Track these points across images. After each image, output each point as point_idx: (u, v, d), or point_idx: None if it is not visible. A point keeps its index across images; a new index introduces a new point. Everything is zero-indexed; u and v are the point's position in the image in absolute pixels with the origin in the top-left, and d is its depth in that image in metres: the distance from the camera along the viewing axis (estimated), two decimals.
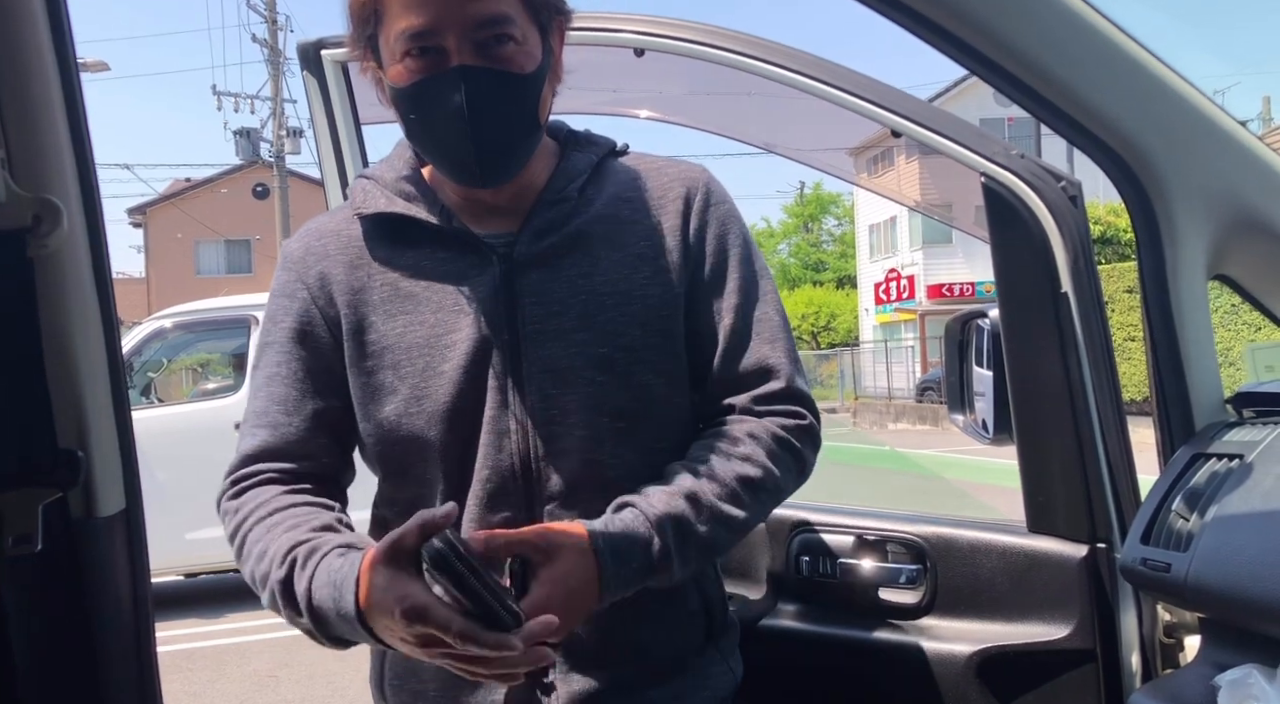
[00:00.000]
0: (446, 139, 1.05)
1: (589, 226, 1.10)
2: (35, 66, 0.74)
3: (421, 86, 1.02)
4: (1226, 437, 1.17)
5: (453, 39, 1.00)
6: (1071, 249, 1.28)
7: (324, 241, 1.14)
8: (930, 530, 1.45)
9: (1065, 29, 1.13)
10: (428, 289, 1.09)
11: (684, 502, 1.01)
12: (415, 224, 1.11)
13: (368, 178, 1.17)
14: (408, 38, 1.01)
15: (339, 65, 1.63)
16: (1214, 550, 1.04)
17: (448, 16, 1.00)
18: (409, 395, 1.07)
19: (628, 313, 1.07)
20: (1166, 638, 1.29)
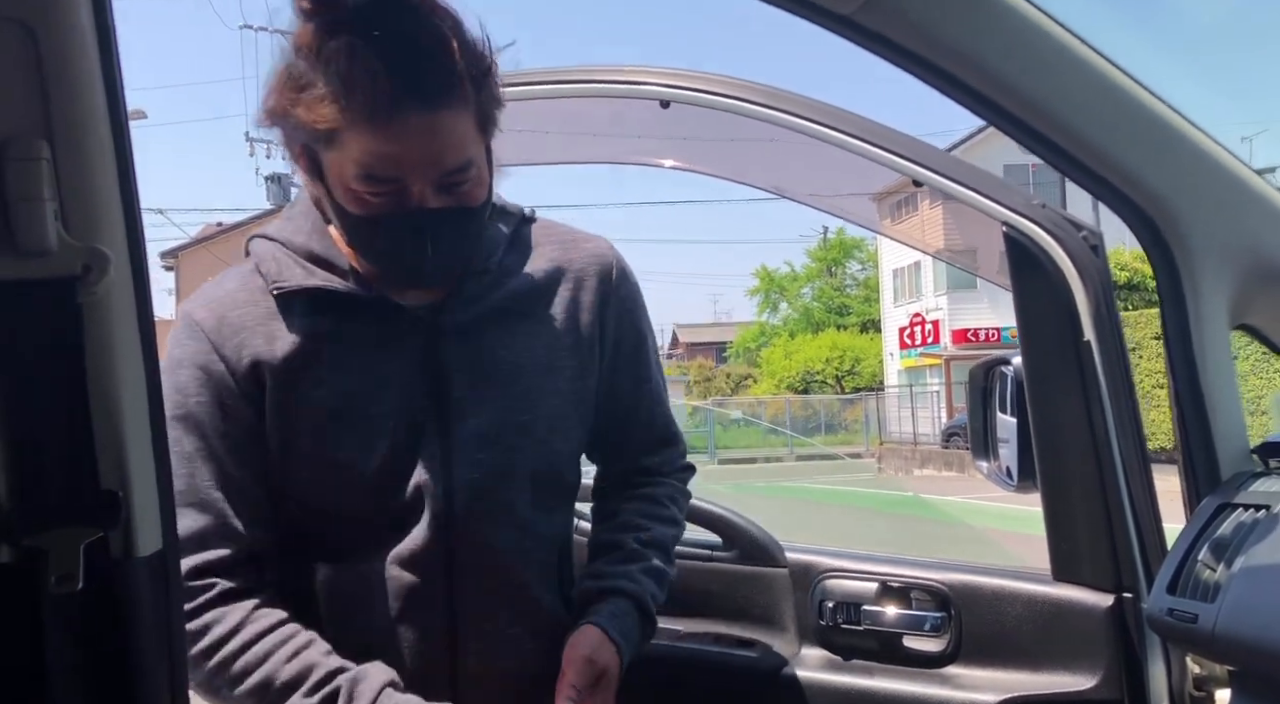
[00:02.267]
0: (399, 262, 1.05)
1: (510, 299, 1.14)
2: (89, 120, 0.77)
3: (380, 222, 1.01)
4: (1253, 487, 1.16)
5: (418, 183, 1.00)
6: (1094, 297, 1.29)
7: (239, 313, 1.09)
8: (954, 577, 1.44)
9: (1086, 84, 1.15)
10: (348, 358, 1.08)
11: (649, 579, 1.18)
12: (335, 295, 1.08)
13: (272, 240, 1.13)
14: (365, 178, 0.99)
15: None
16: (1242, 601, 1.03)
17: (418, 166, 0.99)
18: (332, 464, 1.07)
19: (542, 382, 1.14)
20: (1196, 691, 1.27)
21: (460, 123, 0.99)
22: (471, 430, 1.09)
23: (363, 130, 0.97)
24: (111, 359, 0.78)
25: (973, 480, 15.23)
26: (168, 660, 0.74)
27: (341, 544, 1.09)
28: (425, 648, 1.08)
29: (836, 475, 18.89)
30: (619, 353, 1.21)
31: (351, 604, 1.08)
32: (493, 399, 1.10)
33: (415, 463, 1.07)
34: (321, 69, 0.96)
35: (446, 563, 1.08)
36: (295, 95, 0.98)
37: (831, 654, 1.51)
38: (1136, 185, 1.19)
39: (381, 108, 0.95)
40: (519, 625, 1.12)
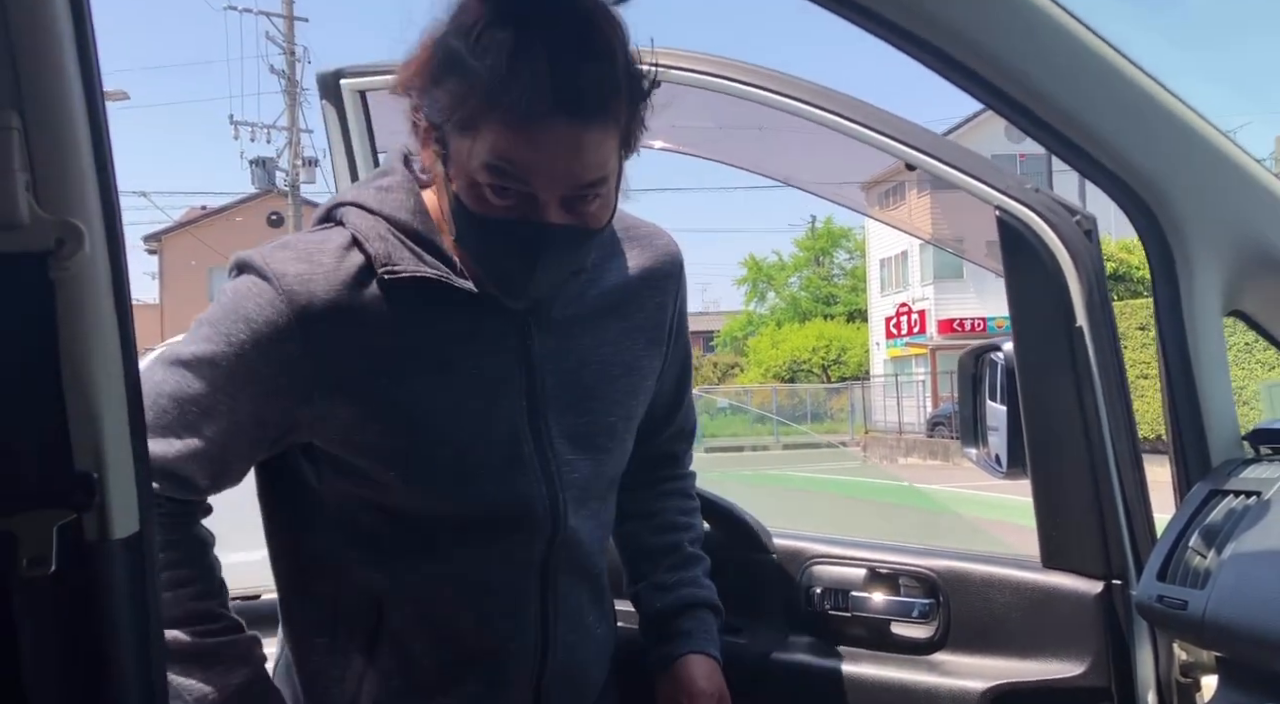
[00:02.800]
0: (501, 269, 1.00)
1: (602, 299, 1.12)
2: (61, 90, 0.75)
3: (494, 225, 0.96)
4: (1244, 473, 1.16)
5: (546, 193, 0.94)
6: (1086, 283, 1.28)
7: (336, 297, 1.01)
8: (943, 564, 1.43)
9: (1083, 66, 1.14)
10: (449, 353, 1.04)
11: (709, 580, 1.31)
12: (443, 287, 1.02)
13: (374, 215, 1.04)
14: (495, 175, 0.94)
15: (358, 94, 1.65)
16: (1232, 588, 1.03)
17: (552, 177, 0.94)
18: (430, 461, 1.03)
19: (628, 384, 1.13)
20: (1183, 677, 1.27)
21: (606, 140, 0.95)
22: (567, 431, 1.08)
23: (506, 128, 0.91)
24: (86, 337, 0.76)
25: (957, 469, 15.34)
26: (144, 644, 0.73)
27: (435, 544, 1.06)
28: (519, 647, 1.08)
29: (822, 464, 18.96)
30: (678, 346, 1.23)
31: (444, 605, 1.06)
32: (586, 400, 1.09)
33: (514, 463, 1.05)
34: (480, 54, 0.91)
35: (543, 561, 1.08)
36: (443, 73, 0.94)
37: (819, 640, 1.50)
38: (1132, 170, 1.18)
39: (534, 110, 0.90)
40: (603, 624, 1.17)
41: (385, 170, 1.09)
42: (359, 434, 1.02)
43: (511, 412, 1.05)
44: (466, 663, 1.07)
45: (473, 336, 1.04)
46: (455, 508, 1.04)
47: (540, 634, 1.09)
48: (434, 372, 1.02)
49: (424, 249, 1.03)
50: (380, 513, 1.06)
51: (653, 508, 1.26)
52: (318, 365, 1.00)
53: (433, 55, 0.95)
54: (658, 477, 1.28)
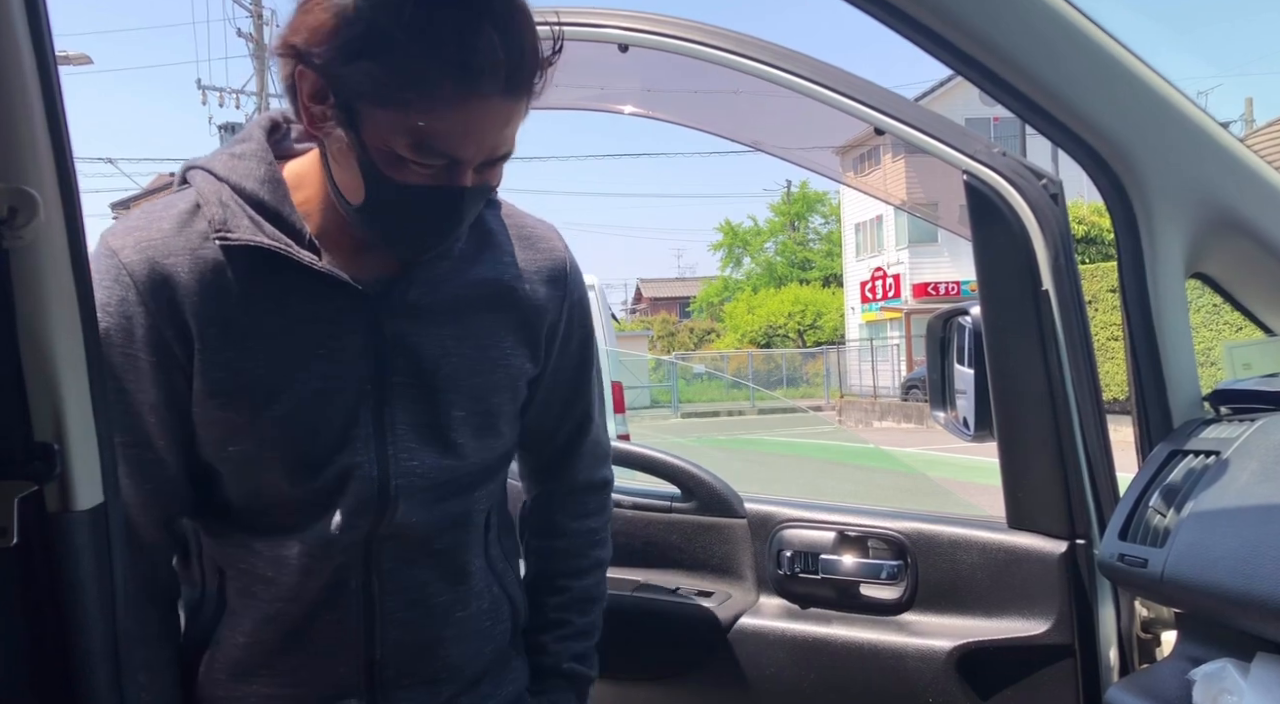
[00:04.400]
0: (415, 232, 0.99)
1: (467, 288, 1.09)
2: (9, 56, 0.73)
3: (420, 192, 0.95)
4: (1204, 434, 1.18)
5: (467, 162, 0.95)
6: (1052, 247, 1.29)
7: (173, 261, 0.98)
8: (911, 526, 1.45)
9: (1048, 28, 1.13)
10: (288, 328, 1.01)
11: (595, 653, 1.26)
12: (282, 259, 0.99)
13: (219, 180, 1.01)
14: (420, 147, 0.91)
15: None
16: (1190, 546, 1.05)
17: (482, 145, 0.94)
18: (260, 439, 1.01)
19: (491, 381, 1.10)
20: (1144, 633, 1.30)
21: (520, 111, 0.95)
22: (414, 420, 1.05)
23: (442, 105, 0.90)
24: (44, 307, 0.75)
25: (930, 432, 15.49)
26: (109, 614, 0.73)
27: (259, 521, 1.04)
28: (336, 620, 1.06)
29: (798, 428, 19.10)
30: (564, 357, 1.19)
31: (263, 583, 1.05)
32: (440, 392, 1.06)
33: (346, 447, 1.02)
34: (416, 31, 0.88)
35: (366, 543, 1.05)
36: (365, 46, 0.89)
37: (789, 603, 1.52)
38: (1097, 132, 1.18)
39: (477, 90, 0.89)
40: (472, 602, 1.13)
41: (243, 136, 1.06)
42: (201, 406, 1.00)
43: (352, 396, 1.03)
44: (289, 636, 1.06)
45: (318, 316, 1.01)
46: (286, 487, 1.03)
47: (364, 608, 1.07)
48: (277, 349, 1.00)
49: (266, 218, 1.00)
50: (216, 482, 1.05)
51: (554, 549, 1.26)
52: (163, 335, 0.98)
53: (346, 24, 0.89)
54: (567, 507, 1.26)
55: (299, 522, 1.04)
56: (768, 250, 43.16)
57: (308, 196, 1.03)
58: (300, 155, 1.07)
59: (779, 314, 34.71)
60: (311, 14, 0.91)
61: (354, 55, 0.89)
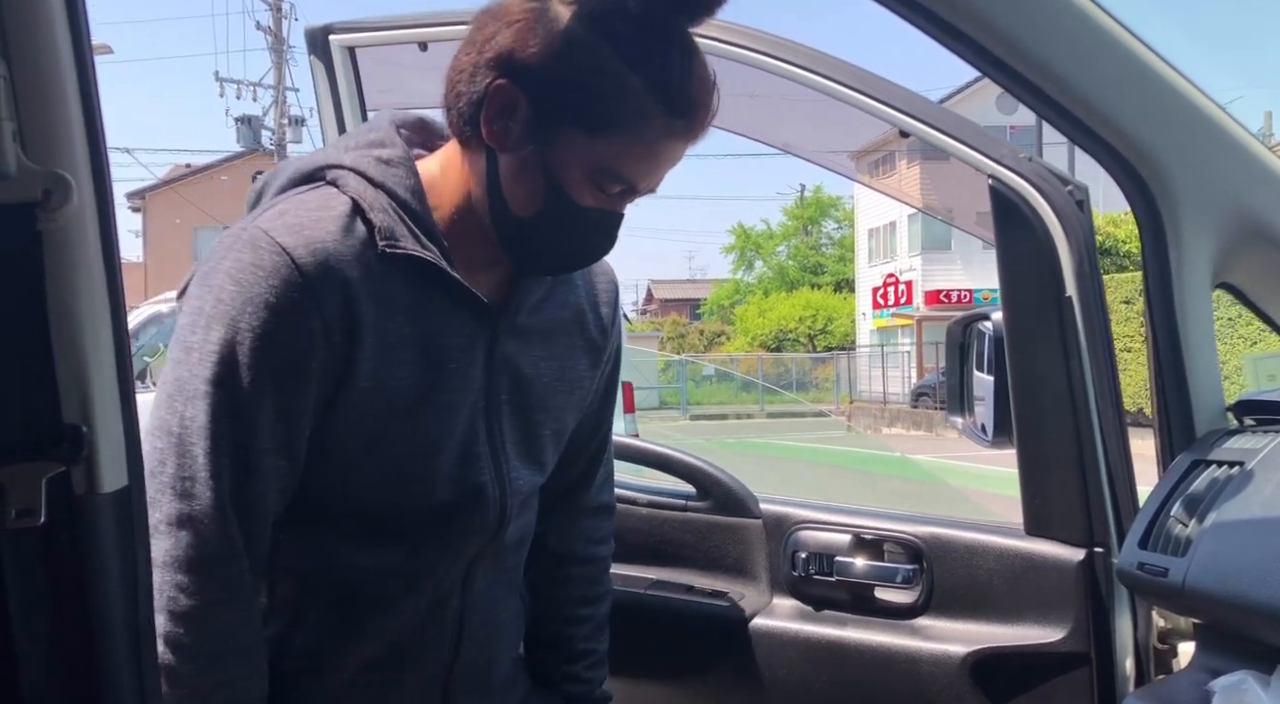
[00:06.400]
0: (564, 249, 1.01)
1: (555, 311, 1.11)
2: (49, 40, 0.74)
3: (592, 214, 0.97)
4: (1227, 444, 1.17)
5: (636, 195, 0.99)
6: (1077, 253, 1.28)
7: (345, 265, 0.95)
8: (927, 530, 1.45)
9: (1079, 33, 1.13)
10: (431, 341, 1.00)
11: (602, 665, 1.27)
12: (435, 272, 0.99)
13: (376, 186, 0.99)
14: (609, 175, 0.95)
15: (347, 51, 1.62)
16: (1212, 556, 1.04)
17: (654, 181, 0.99)
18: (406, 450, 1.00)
19: (570, 400, 1.13)
20: (1161, 643, 1.29)
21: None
22: (515, 438, 1.07)
23: (650, 137, 0.94)
24: (75, 289, 0.75)
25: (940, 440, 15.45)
26: (133, 598, 0.73)
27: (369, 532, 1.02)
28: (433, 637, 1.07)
29: (807, 432, 19.07)
30: (611, 372, 1.22)
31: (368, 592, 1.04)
32: (533, 411, 1.09)
33: (469, 461, 1.03)
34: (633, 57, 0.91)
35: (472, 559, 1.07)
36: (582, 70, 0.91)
37: (803, 605, 1.52)
38: (1124, 136, 1.18)
39: (680, 125, 0.94)
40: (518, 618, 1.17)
41: (380, 139, 1.03)
42: (344, 413, 0.97)
43: (472, 410, 1.03)
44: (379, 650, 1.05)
45: (453, 329, 1.01)
46: (409, 498, 1.02)
47: (456, 628, 1.08)
48: (417, 359, 0.99)
49: (420, 230, 0.99)
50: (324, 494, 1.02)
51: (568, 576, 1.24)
52: (331, 341, 0.95)
53: (565, 47, 0.91)
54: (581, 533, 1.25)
55: (414, 536, 1.03)
56: (780, 254, 43.12)
57: (437, 205, 1.02)
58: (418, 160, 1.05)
59: (790, 318, 34.67)
60: (524, 31, 0.92)
61: (566, 78, 0.92)
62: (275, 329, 0.92)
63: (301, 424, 0.96)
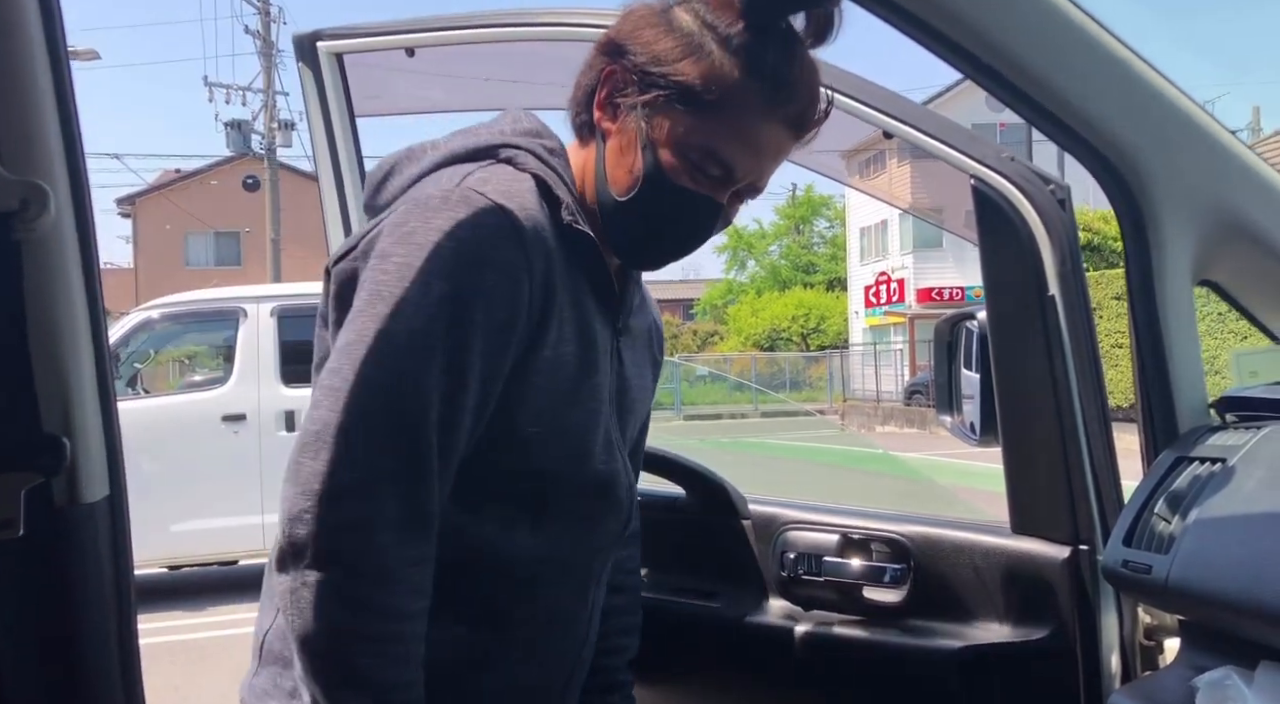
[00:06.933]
0: (659, 232, 1.03)
1: (640, 320, 1.16)
2: (25, 51, 0.73)
3: (687, 196, 0.99)
4: (1210, 441, 1.18)
5: (735, 186, 1.01)
6: (1059, 252, 1.29)
7: (547, 236, 0.97)
8: (915, 530, 1.45)
9: (1059, 33, 1.13)
10: (590, 320, 1.02)
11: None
12: (595, 252, 1.02)
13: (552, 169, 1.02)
14: (708, 155, 0.97)
15: (334, 58, 1.63)
16: (1195, 553, 1.04)
17: (753, 171, 1.00)
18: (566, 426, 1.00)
19: (643, 409, 1.17)
20: (1146, 640, 1.30)
21: (790, 151, 1.02)
22: (620, 435, 1.10)
23: (746, 125, 0.97)
24: (54, 300, 0.75)
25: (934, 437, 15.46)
26: (115, 608, 0.73)
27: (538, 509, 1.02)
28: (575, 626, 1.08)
29: (801, 431, 19.08)
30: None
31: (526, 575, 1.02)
32: (627, 414, 1.11)
33: (611, 449, 1.06)
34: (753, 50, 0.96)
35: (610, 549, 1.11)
36: (698, 51, 0.96)
37: (793, 605, 1.52)
38: (1107, 139, 1.18)
39: (783, 112, 0.97)
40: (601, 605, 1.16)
41: (537, 129, 1.07)
42: (519, 380, 0.97)
43: (607, 396, 1.06)
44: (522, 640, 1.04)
45: (595, 314, 1.04)
46: (574, 472, 1.02)
47: (588, 621, 1.10)
48: (577, 337, 1.01)
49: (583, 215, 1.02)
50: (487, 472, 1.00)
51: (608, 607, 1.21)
52: (532, 309, 0.95)
53: (673, 29, 0.97)
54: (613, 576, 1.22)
55: (568, 519, 1.03)
56: (772, 253, 43.14)
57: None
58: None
59: (783, 317, 34.68)
60: (635, 20, 1.00)
61: (671, 60, 0.97)
62: (495, 287, 0.92)
63: (497, 386, 0.95)
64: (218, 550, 6.56)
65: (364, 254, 0.96)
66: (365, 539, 0.86)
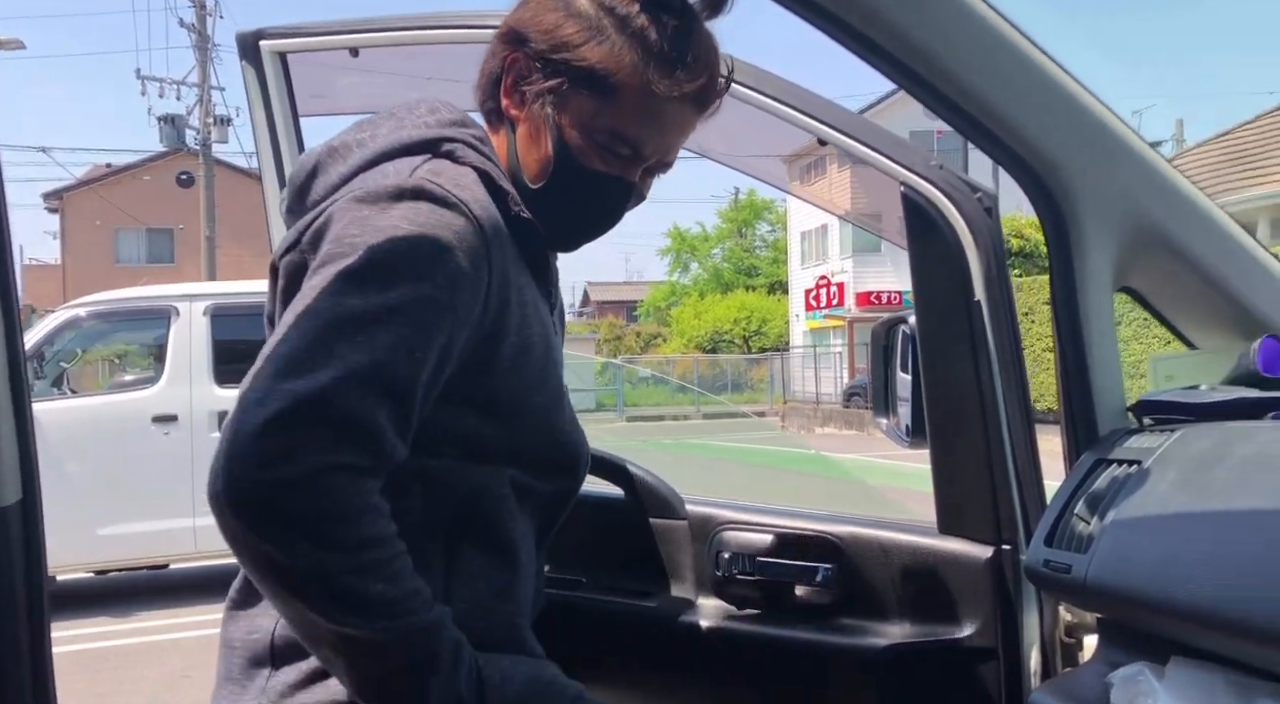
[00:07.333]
0: (576, 214, 1.07)
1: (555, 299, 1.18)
2: None
3: (599, 178, 1.04)
4: (1127, 443, 1.21)
5: (643, 164, 1.05)
6: (985, 259, 1.32)
7: (498, 226, 0.99)
8: (845, 530, 1.48)
9: (987, 46, 1.16)
10: (536, 302, 1.05)
11: None
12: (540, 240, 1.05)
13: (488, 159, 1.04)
14: (616, 137, 1.02)
15: (278, 56, 1.61)
16: (1111, 552, 1.08)
17: (660, 148, 1.04)
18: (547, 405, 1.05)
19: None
20: (1067, 637, 1.33)
21: (694, 127, 1.07)
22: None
23: (653, 100, 1.00)
24: None
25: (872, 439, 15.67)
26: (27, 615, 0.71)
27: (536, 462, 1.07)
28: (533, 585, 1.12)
29: (742, 433, 19.23)
30: None
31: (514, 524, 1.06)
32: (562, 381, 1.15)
33: (574, 422, 1.10)
34: (647, 30, 0.99)
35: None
36: (594, 35, 1.00)
37: (727, 604, 1.53)
38: (1032, 149, 1.21)
39: (684, 89, 1.00)
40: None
41: (461, 119, 1.07)
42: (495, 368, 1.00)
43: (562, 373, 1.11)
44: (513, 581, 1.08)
45: (546, 295, 1.09)
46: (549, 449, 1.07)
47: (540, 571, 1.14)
48: (537, 320, 1.05)
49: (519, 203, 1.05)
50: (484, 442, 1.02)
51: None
52: (490, 297, 0.97)
53: (572, 14, 1.00)
54: None
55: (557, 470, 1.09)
56: (715, 257, 43.41)
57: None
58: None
59: (725, 320, 34.94)
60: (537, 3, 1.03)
61: (570, 45, 1.00)
62: (456, 277, 0.92)
63: (447, 371, 0.95)
64: (147, 554, 6.40)
65: (312, 244, 0.96)
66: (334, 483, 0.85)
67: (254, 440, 0.82)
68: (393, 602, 0.87)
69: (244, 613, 1.03)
